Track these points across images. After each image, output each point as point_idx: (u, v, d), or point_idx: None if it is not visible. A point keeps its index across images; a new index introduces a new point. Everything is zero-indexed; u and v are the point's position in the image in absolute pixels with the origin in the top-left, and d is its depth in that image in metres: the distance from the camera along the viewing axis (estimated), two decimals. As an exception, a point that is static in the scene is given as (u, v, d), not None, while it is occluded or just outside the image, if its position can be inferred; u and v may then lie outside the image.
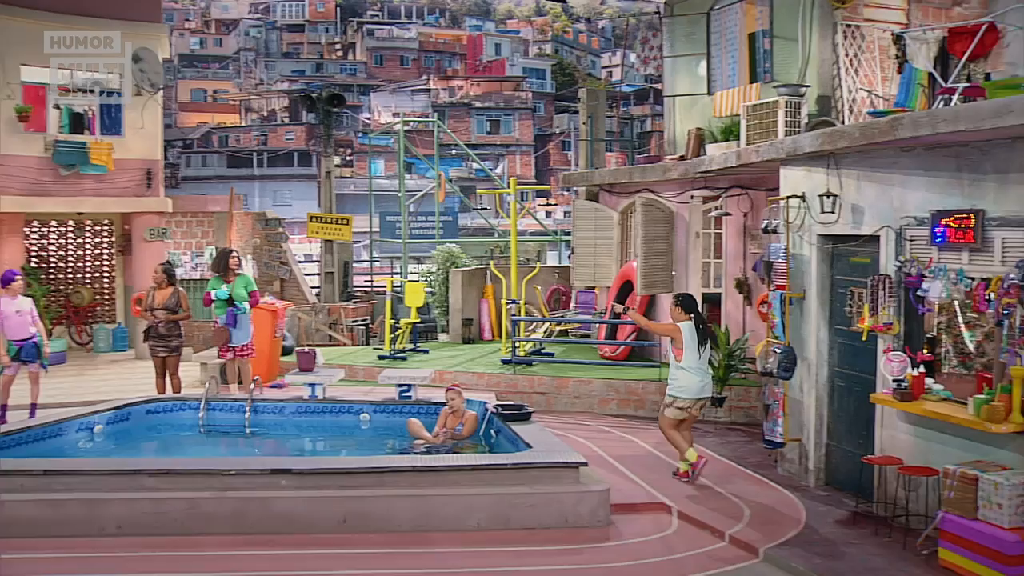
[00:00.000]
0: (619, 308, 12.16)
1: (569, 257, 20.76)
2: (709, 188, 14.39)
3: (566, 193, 48.48)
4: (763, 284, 10.83)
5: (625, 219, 16.50)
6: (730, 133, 13.08)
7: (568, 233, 24.48)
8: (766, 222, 10.41)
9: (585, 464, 8.72)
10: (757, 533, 8.03)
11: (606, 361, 15.24)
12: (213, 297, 12.90)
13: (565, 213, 50.43)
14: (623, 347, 15.28)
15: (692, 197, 14.76)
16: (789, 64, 12.38)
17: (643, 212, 15.02)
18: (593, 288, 17.64)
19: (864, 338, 8.73)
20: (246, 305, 12.99)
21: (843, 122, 10.99)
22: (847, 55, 11.43)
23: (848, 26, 11.47)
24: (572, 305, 18.30)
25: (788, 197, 9.98)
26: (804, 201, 9.84)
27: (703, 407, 9.97)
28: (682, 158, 14.47)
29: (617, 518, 8.44)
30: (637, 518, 8.58)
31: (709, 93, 14.66)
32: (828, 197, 9.36)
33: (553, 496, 8.31)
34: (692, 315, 9.92)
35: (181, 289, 13.34)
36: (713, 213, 14.21)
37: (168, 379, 13.24)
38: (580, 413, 13.70)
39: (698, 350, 9.80)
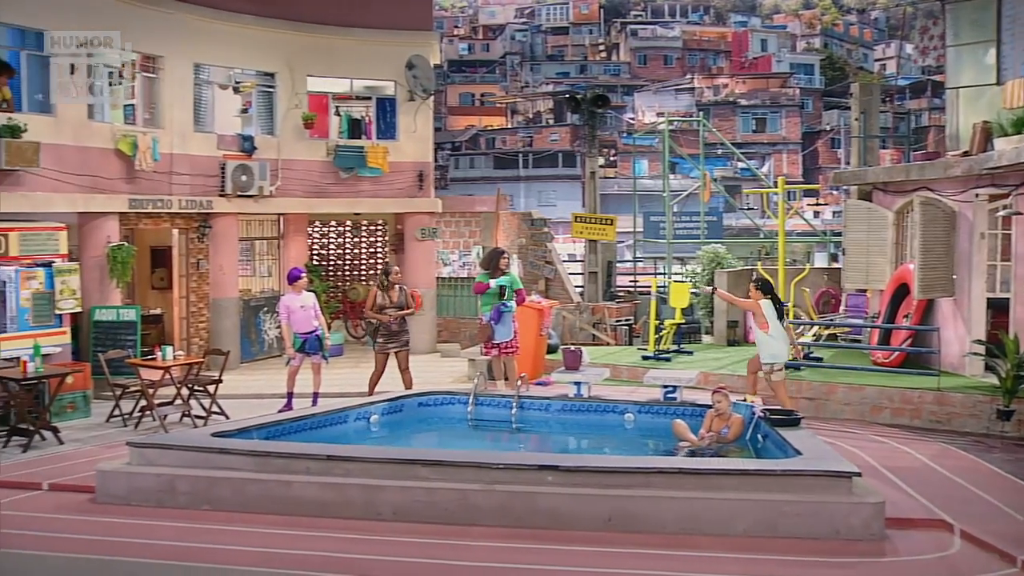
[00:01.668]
0: (708, 289, 14.64)
1: (839, 259, 20.00)
2: (996, 186, 13.45)
3: (835, 192, 46.77)
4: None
5: (901, 219, 15.72)
6: (1023, 126, 12.17)
7: (837, 233, 23.57)
8: (1064, 222, 9.63)
9: (858, 474, 8.32)
10: (1054, 560, 7.39)
11: (879, 367, 14.56)
12: (492, 285, 13.22)
13: (834, 213, 48.64)
14: (897, 353, 14.55)
15: (977, 196, 13.84)
16: (1093, 50, 11.39)
17: (921, 212, 14.26)
18: (865, 291, 16.92)
19: None
20: (512, 303, 13.27)
21: None
22: None
23: None
24: (842, 308, 17.61)
25: (1091, 195, 9.18)
26: (1110, 199, 9.02)
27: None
28: (966, 154, 13.62)
29: (892, 533, 7.99)
30: (914, 534, 8.10)
31: (998, 83, 13.73)
32: None
33: (823, 506, 7.98)
34: (770, 296, 11.83)
35: (406, 287, 14.05)
36: (1001, 212, 13.27)
37: (401, 375, 13.73)
38: (850, 421, 13.16)
39: (780, 322, 11.74)
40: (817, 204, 51.66)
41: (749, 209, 38.73)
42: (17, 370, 12.71)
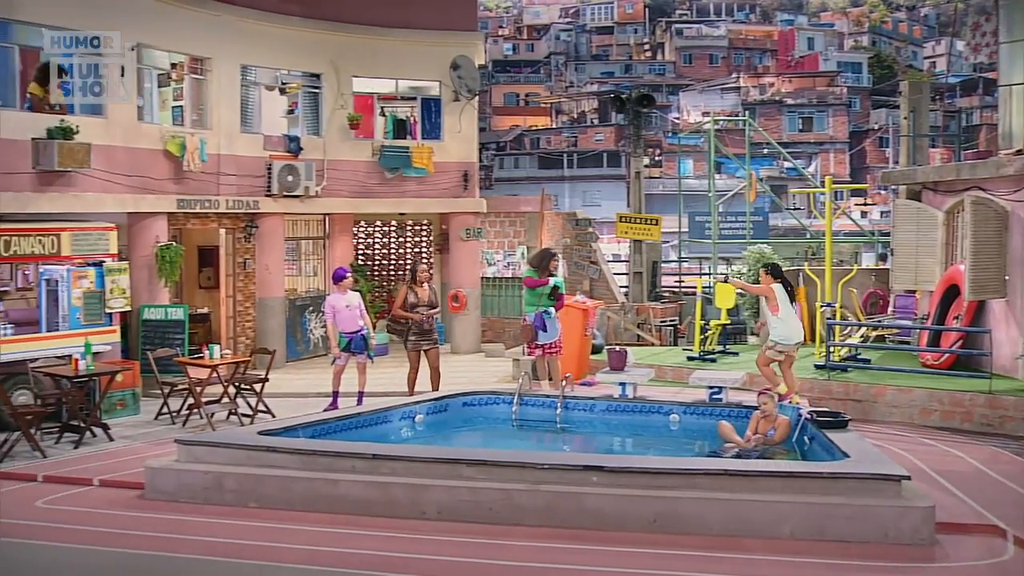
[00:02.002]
0: (720, 278, 15.37)
1: (888, 259, 19.79)
2: (1050, 185, 13.25)
3: (883, 192, 46.28)
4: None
5: (951, 219, 15.51)
6: (1077, 124, 11.97)
7: (885, 233, 23.32)
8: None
9: (908, 477, 8.21)
10: (1113, 568, 7.22)
11: (928, 369, 14.36)
12: (549, 283, 13.20)
13: (882, 213, 48.19)
14: (948, 355, 14.35)
15: (1030, 195, 13.63)
16: None
17: (972, 211, 14.06)
18: (914, 292, 16.71)
19: None
20: (552, 309, 13.23)
21: None
22: None
23: None
24: (890, 309, 17.41)
25: None
26: None
27: (798, 348, 12.14)
28: (1019, 152, 13.41)
29: (943, 538, 7.86)
30: (965, 540, 7.96)
31: (1052, 81, 13.50)
32: None
33: (872, 509, 7.88)
34: (780, 279, 12.12)
35: (433, 286, 14.27)
36: (1055, 212, 13.07)
37: (430, 373, 13.82)
38: (898, 423, 13.00)
39: (790, 305, 12.02)
40: (865, 204, 51.17)
41: (795, 209, 38.41)
42: (69, 368, 12.91)
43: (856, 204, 49.64)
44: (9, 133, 13.78)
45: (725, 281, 14.83)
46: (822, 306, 15.38)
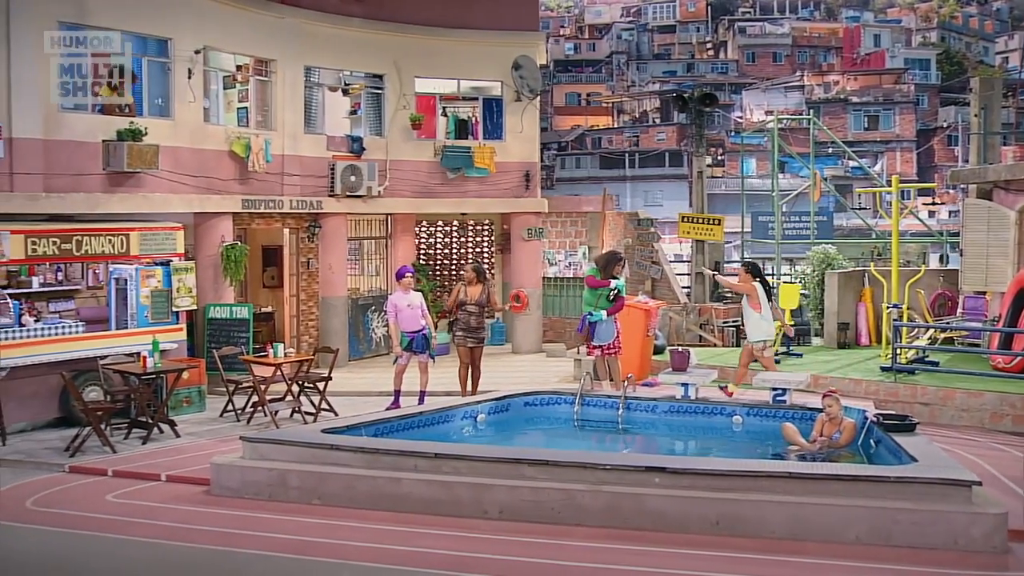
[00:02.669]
0: (708, 272, 16.34)
1: (950, 259, 19.44)
2: None
3: (952, 191, 45.47)
4: None
5: (1024, 219, 15.19)
6: None
7: (954, 233, 22.91)
8: None
9: (979, 483, 8.05)
10: None
11: (999, 373, 14.06)
12: (612, 284, 13.14)
13: (950, 212, 47.33)
14: (1020, 358, 14.03)
15: (1106, 194, 13.30)
16: None
17: (1046, 211, 13.75)
18: (983, 293, 16.38)
19: None
20: (602, 314, 13.12)
21: None
22: None
23: None
24: (959, 311, 17.09)
25: None
26: None
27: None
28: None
29: (1016, 546, 7.69)
30: (1038, 547, 7.80)
31: None
32: None
33: (941, 515, 7.73)
34: (759, 278, 12.78)
35: (491, 286, 14.28)
36: None
37: (472, 371, 13.97)
38: (968, 428, 12.74)
39: (769, 303, 12.74)
40: (932, 203, 50.28)
41: (861, 209, 37.86)
42: (137, 365, 13.13)
43: (923, 203, 48.75)
44: (81, 135, 14.06)
45: (713, 276, 15.22)
46: (889, 307, 15.14)
